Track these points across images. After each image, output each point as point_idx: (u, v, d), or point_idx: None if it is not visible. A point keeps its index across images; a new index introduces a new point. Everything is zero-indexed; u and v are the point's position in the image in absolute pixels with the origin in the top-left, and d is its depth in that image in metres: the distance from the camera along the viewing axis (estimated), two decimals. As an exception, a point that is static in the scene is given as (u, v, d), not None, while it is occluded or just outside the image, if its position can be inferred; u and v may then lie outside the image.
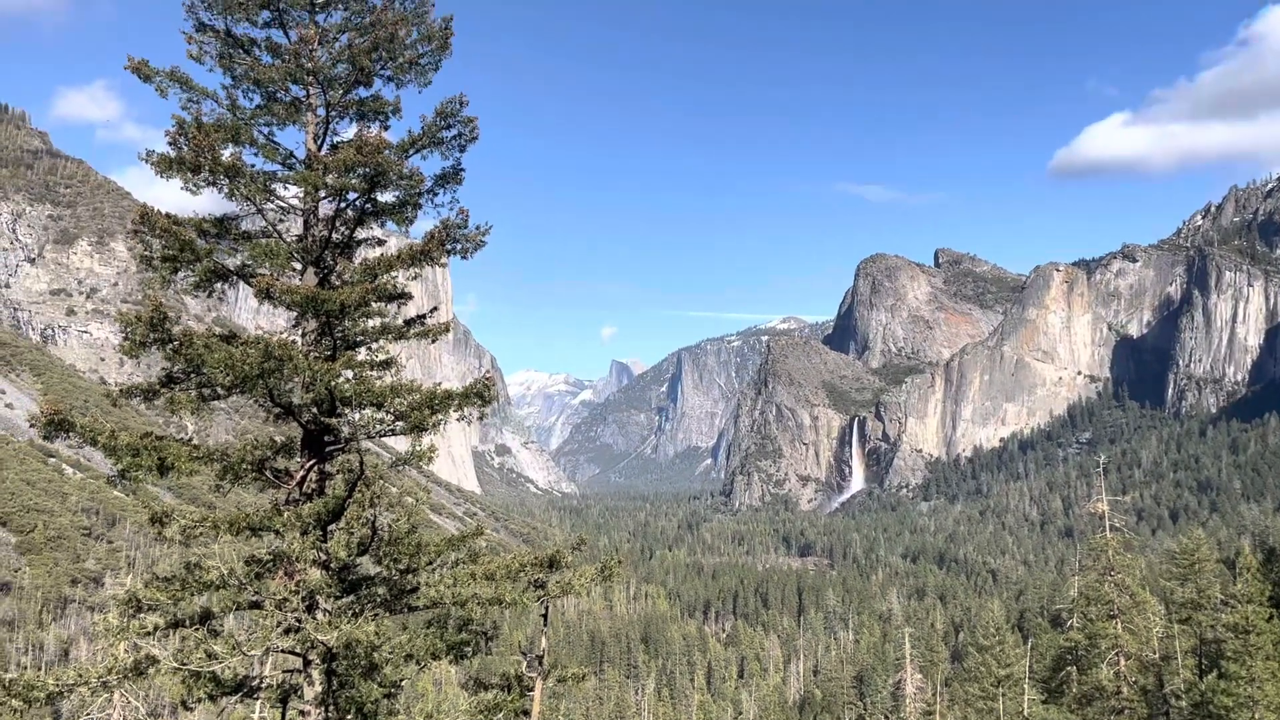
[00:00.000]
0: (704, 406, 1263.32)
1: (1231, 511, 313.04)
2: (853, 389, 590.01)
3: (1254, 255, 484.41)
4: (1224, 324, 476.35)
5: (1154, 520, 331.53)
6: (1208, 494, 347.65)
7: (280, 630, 19.52)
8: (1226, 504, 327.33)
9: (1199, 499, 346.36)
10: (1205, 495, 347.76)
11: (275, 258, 21.49)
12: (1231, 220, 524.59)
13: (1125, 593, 53.18)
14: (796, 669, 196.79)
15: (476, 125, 22.39)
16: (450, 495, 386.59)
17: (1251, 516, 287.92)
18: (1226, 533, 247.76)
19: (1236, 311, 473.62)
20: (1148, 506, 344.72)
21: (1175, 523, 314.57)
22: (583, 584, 23.32)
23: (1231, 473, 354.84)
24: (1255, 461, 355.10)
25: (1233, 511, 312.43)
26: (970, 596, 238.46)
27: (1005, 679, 54.81)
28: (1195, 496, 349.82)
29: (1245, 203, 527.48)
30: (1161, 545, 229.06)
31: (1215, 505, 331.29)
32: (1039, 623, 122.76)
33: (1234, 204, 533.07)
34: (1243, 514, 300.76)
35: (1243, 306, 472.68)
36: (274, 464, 21.84)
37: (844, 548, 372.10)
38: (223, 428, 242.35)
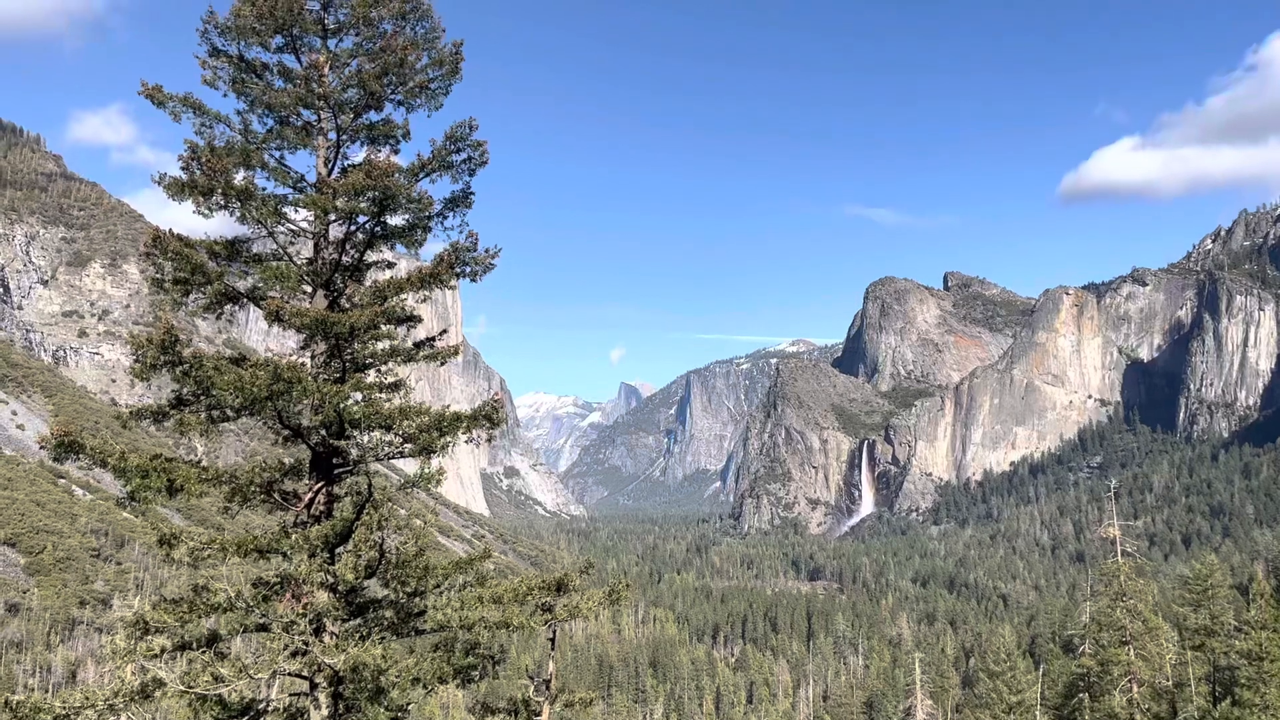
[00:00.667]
0: (713, 429, 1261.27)
1: (1244, 537, 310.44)
2: (862, 412, 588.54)
3: (1264, 279, 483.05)
4: (1235, 348, 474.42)
5: (1166, 545, 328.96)
6: (1220, 519, 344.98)
7: (287, 653, 19.47)
8: (1239, 529, 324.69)
9: (1211, 524, 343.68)
10: (1218, 520, 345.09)
11: (286, 280, 21.62)
12: (1241, 244, 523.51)
13: (1138, 619, 52.72)
14: (806, 694, 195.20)
15: (486, 149, 22.55)
16: (458, 517, 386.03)
17: (1264, 542, 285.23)
18: (1239, 558, 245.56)
19: (1248, 335, 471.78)
20: (1159, 531, 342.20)
21: (1187, 548, 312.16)
22: (590, 607, 23.25)
23: (1244, 497, 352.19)
24: (1268, 486, 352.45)
25: (1245, 537, 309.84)
26: (981, 621, 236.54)
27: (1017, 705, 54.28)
28: (1207, 521, 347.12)
29: (1255, 227, 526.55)
30: (1174, 570, 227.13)
31: (1228, 530, 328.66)
32: (1051, 649, 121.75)
33: (1244, 228, 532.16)
34: (1256, 539, 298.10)
35: (1254, 330, 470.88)
36: (282, 486, 21.87)
37: (854, 572, 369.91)
38: (232, 450, 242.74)
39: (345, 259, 22.69)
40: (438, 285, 22.22)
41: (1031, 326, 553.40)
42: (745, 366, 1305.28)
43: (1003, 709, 54.64)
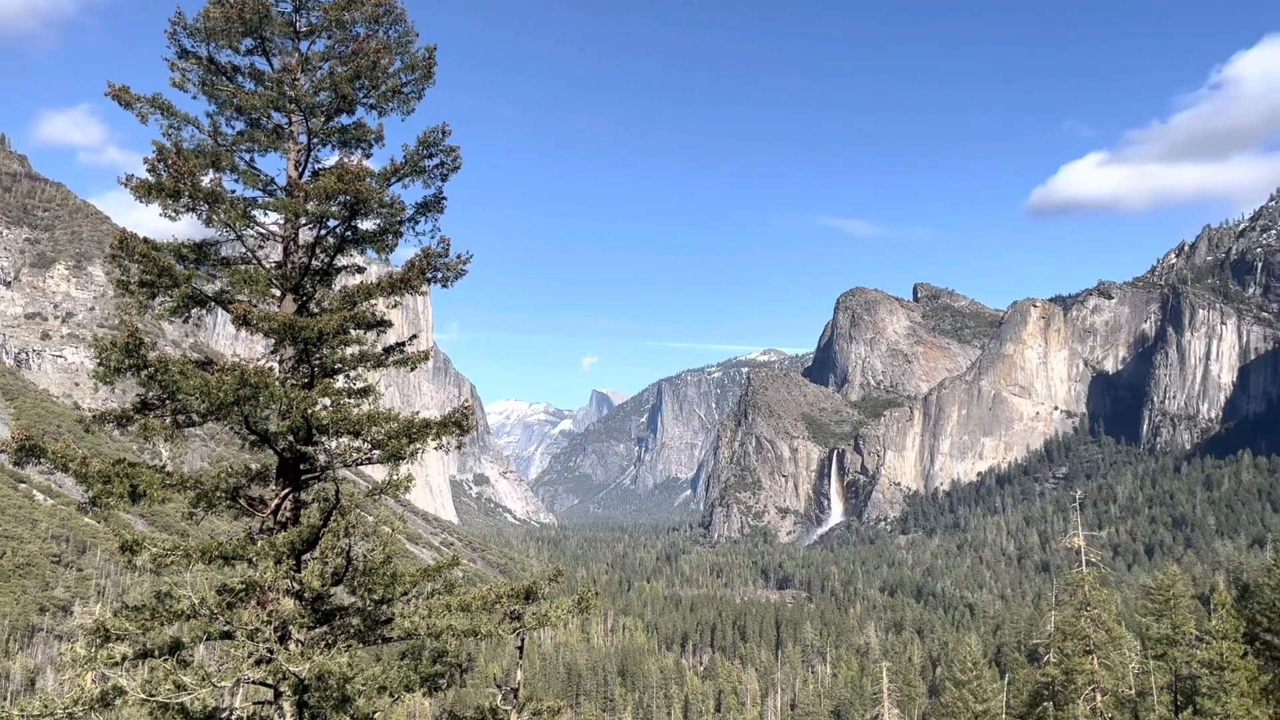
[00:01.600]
0: (684, 437, 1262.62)
1: (1206, 547, 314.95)
2: (832, 421, 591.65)
3: (1227, 294, 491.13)
4: (1198, 361, 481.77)
5: (1129, 556, 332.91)
6: (1182, 530, 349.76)
7: (251, 661, 19.25)
8: (1201, 540, 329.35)
9: (1174, 535, 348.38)
10: (1180, 531, 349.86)
11: (254, 284, 21.43)
12: (1205, 259, 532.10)
13: (1101, 628, 53.29)
14: (774, 703, 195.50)
15: (459, 154, 22.49)
16: (427, 525, 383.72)
17: (1226, 553, 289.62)
18: (1201, 569, 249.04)
19: (1210, 349, 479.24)
20: (1123, 542, 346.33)
21: (1150, 558, 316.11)
22: (559, 616, 23.16)
23: (1206, 509, 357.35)
24: (1229, 498, 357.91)
25: (1207, 547, 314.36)
26: (948, 630, 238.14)
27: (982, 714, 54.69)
28: (1170, 532, 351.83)
29: (1218, 242, 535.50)
30: (1137, 581, 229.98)
31: (1190, 541, 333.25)
32: (1016, 658, 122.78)
33: (1207, 243, 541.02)
34: (1217, 550, 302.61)
35: (1216, 344, 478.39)
36: (248, 492, 21.65)
37: (822, 580, 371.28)
38: (197, 455, 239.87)
39: (315, 263, 22.53)
40: (409, 291, 22.11)
41: (999, 338, 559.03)
42: (716, 375, 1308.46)
43: (968, 717, 55.02)
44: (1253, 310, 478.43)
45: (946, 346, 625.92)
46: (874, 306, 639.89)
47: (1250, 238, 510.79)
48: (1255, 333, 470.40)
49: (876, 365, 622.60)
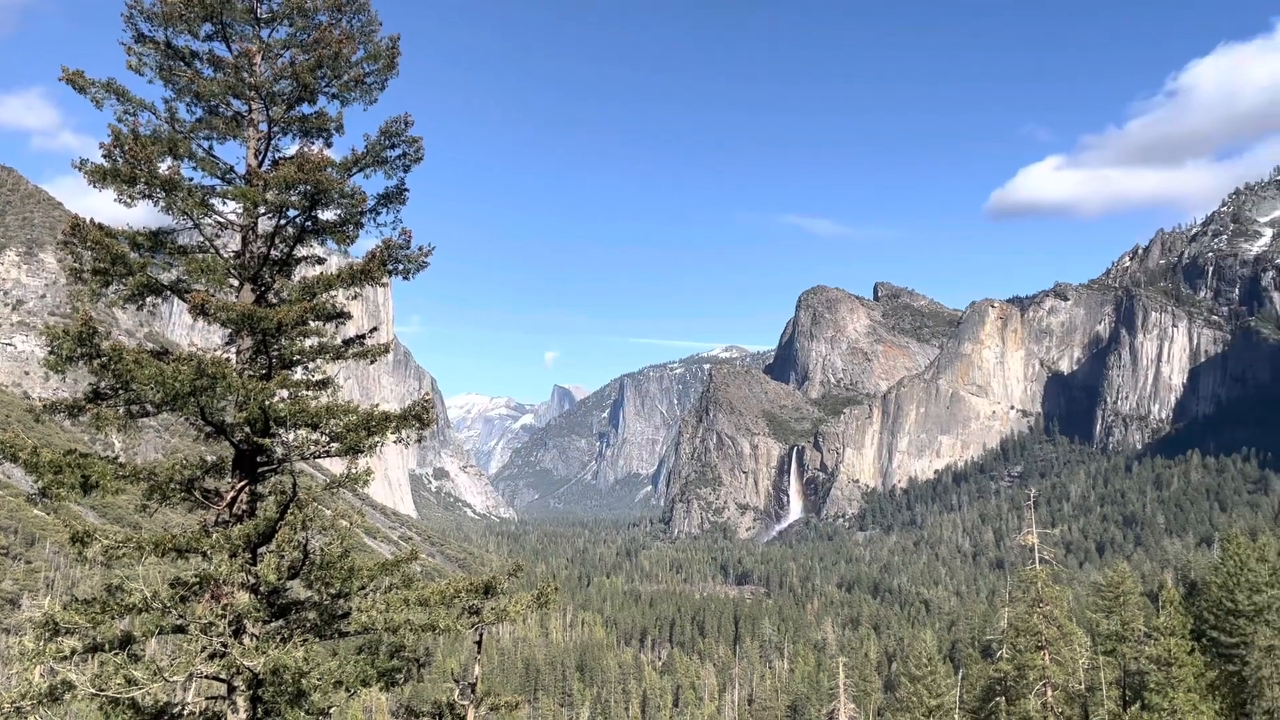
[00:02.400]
0: (645, 433, 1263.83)
1: (1155, 546, 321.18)
2: (792, 419, 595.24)
3: (1178, 297, 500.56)
4: (1149, 363, 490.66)
5: (1081, 553, 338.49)
6: (1133, 528, 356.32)
7: (205, 655, 19.01)
8: (1150, 538, 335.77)
9: (1124, 533, 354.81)
10: (1130, 529, 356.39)
11: (211, 273, 21.13)
12: (1158, 263, 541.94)
13: (1053, 624, 54.16)
14: (731, 698, 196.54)
15: (421, 145, 22.32)
16: (385, 519, 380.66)
17: (1174, 551, 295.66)
18: (1150, 566, 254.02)
19: (1161, 351, 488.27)
20: (1075, 540, 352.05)
21: (1101, 556, 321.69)
22: (518, 611, 23.11)
23: (1155, 508, 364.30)
24: (1178, 497, 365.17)
25: (1156, 546, 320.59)
26: (904, 626, 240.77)
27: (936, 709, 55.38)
28: (1121, 530, 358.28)
29: (1171, 246, 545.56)
30: (1088, 578, 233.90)
31: (1140, 539, 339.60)
32: (970, 653, 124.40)
33: (1160, 247, 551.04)
34: (1165, 548, 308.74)
35: (1167, 346, 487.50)
36: (203, 484, 21.37)
37: (781, 576, 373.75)
38: (151, 446, 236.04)
39: (274, 253, 22.26)
40: (369, 282, 21.92)
41: (958, 338, 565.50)
42: (679, 371, 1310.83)
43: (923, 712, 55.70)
44: (1203, 313, 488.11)
45: (906, 345, 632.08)
46: (835, 305, 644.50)
47: (1202, 242, 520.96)
48: (1205, 335, 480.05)
49: (837, 363, 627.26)
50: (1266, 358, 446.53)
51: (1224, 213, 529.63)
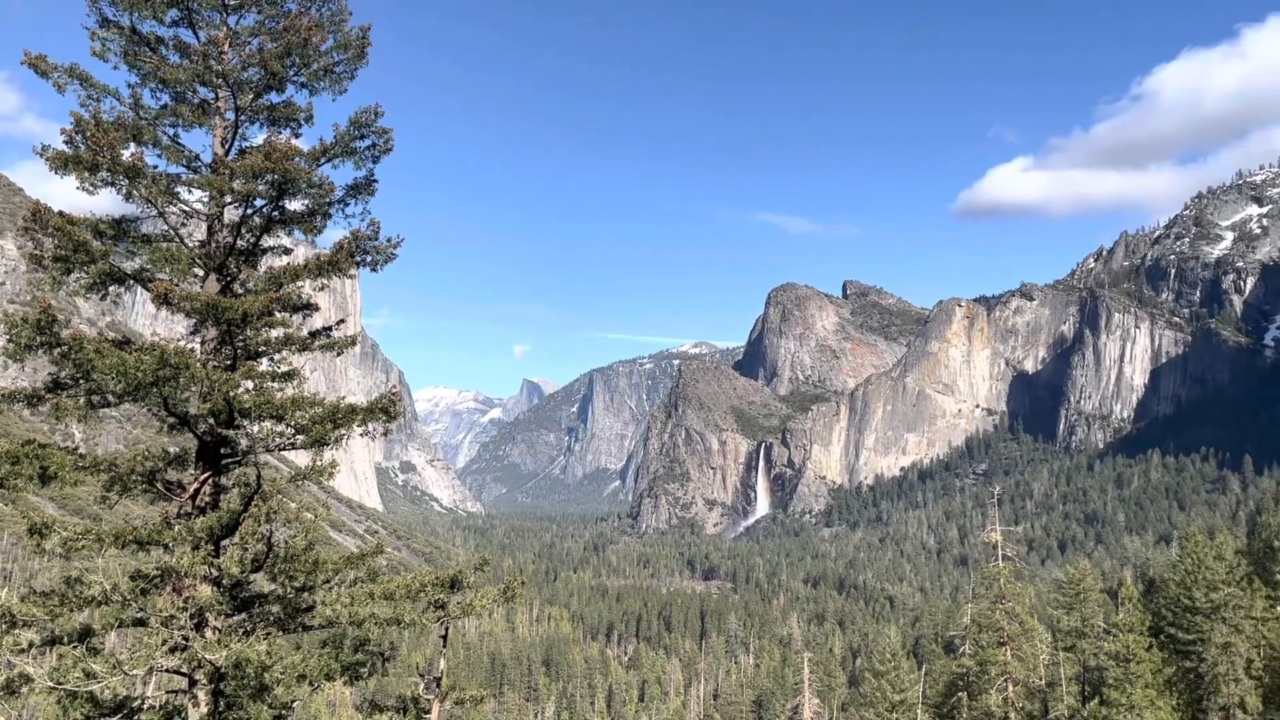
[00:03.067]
0: (614, 428, 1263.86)
1: (1115, 543, 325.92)
2: (760, 415, 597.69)
3: (1141, 298, 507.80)
4: (1112, 363, 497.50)
5: (1043, 550, 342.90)
6: (1094, 526, 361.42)
7: (165, 649, 18.81)
8: (1111, 536, 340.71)
9: (1086, 530, 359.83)
10: (1092, 527, 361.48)
11: (176, 263, 20.86)
12: (1121, 264, 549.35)
13: (1015, 620, 54.83)
14: (697, 692, 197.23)
15: (391, 136, 22.16)
16: (351, 512, 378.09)
17: (1134, 548, 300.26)
18: (1110, 564, 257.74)
19: (1124, 351, 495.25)
20: (1038, 537, 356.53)
21: (1063, 553, 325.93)
22: (484, 605, 23.06)
23: (1116, 506, 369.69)
24: (1138, 496, 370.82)
25: (1116, 543, 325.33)
26: (868, 622, 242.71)
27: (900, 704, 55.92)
28: (1082, 528, 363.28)
29: (1134, 248, 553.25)
30: (1050, 575, 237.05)
31: (1100, 537, 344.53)
32: (933, 649, 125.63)
33: (1124, 249, 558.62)
34: (1125, 546, 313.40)
35: (1130, 347, 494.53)
36: (166, 476, 21.11)
37: (747, 572, 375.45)
38: (112, 436, 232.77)
39: (240, 243, 22.02)
40: (336, 273, 21.76)
41: (925, 336, 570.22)
42: (648, 366, 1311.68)
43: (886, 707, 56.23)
44: (1165, 315, 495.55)
45: (874, 343, 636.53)
46: (804, 302, 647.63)
47: (1165, 245, 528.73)
48: (1167, 337, 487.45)
49: (805, 360, 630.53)
50: (1226, 360, 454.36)
51: (1186, 216, 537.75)
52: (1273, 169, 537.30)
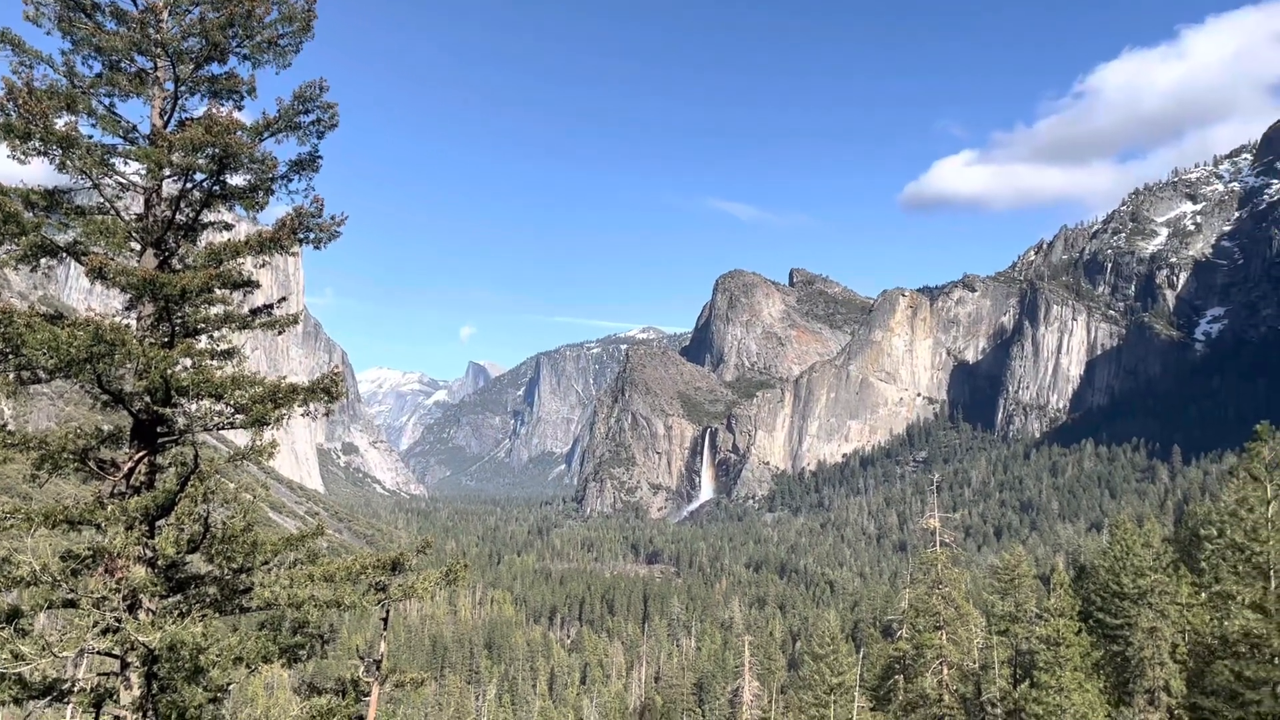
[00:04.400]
0: (560, 412, 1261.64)
1: (1049, 530, 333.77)
2: (706, 401, 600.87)
3: (1079, 291, 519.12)
4: (1050, 354, 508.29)
5: (980, 537, 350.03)
6: (1029, 513, 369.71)
7: (97, 630, 18.44)
8: (1045, 523, 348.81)
9: (1021, 518, 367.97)
10: (1027, 514, 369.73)
11: (111, 236, 20.34)
12: (1060, 257, 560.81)
13: (951, 605, 55.95)
14: (639, 675, 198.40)
15: (336, 112, 21.78)
16: (291, 493, 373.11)
17: (1066, 535, 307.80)
18: (1044, 550, 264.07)
19: (1061, 343, 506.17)
20: (975, 524, 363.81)
21: (999, 540, 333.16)
22: (426, 587, 22.92)
23: (1051, 494, 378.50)
24: (1072, 484, 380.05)
25: (1050, 530, 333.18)
26: (809, 606, 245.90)
27: (838, 687, 56.84)
28: (1018, 515, 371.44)
29: (1073, 242, 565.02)
30: (986, 561, 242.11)
31: (1035, 524, 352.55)
32: (871, 633, 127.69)
33: (1063, 242, 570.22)
34: (1059, 533, 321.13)
35: (1067, 338, 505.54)
36: (99, 454, 20.64)
37: (690, 556, 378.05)
38: (44, 414, 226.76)
39: (179, 217, 21.52)
40: (278, 250, 21.37)
41: (869, 325, 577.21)
42: (595, 351, 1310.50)
43: (824, 690, 57.11)
44: (1101, 308, 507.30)
45: (819, 331, 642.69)
46: (751, 289, 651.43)
47: (1102, 239, 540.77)
48: (1102, 329, 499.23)
49: (751, 347, 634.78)
50: (1158, 352, 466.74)
51: (1124, 212, 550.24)
52: (1207, 167, 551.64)
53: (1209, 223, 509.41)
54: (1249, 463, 33.28)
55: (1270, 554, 31.30)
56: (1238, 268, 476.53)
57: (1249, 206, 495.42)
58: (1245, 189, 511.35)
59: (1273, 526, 31.76)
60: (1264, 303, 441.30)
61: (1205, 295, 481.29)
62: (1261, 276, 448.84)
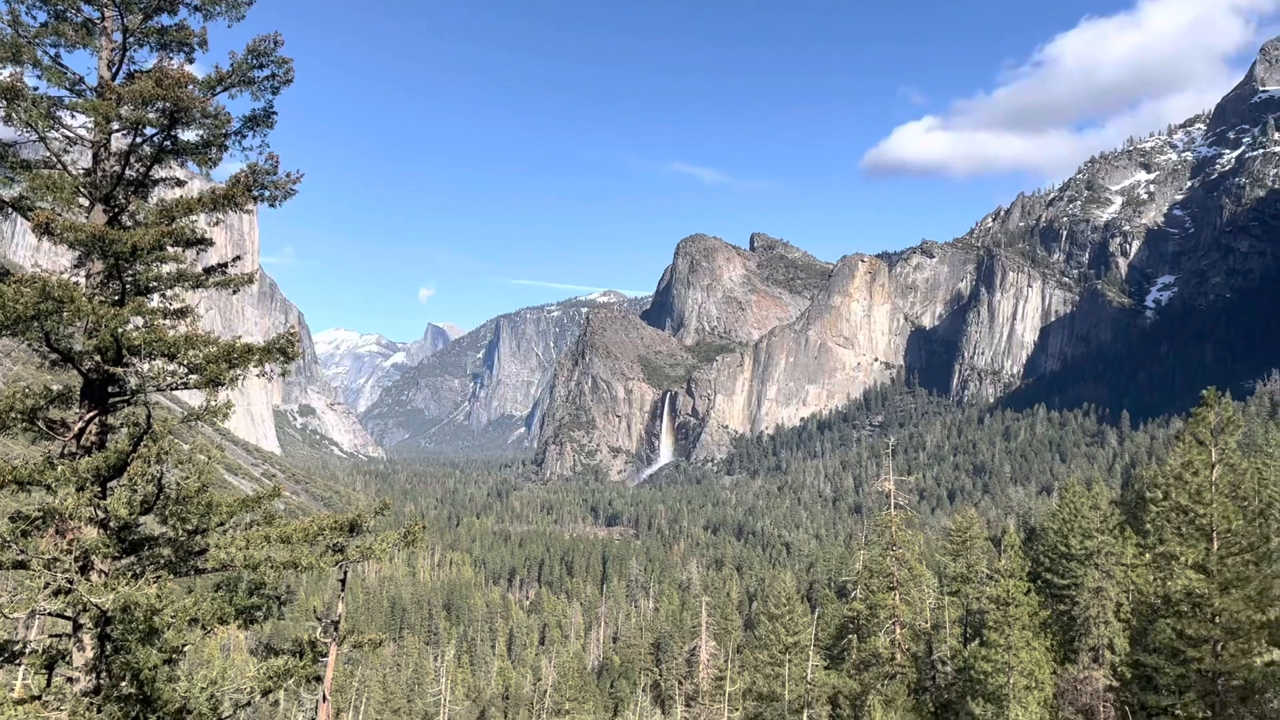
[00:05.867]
0: (520, 375, 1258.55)
1: (1001, 493, 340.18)
2: (667, 364, 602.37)
3: (1034, 258, 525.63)
4: (1005, 320, 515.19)
5: (934, 500, 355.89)
6: (982, 477, 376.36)
7: (48, 592, 18.21)
8: (997, 486, 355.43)
9: (974, 481, 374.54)
10: (980, 478, 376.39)
11: (59, 191, 19.82)
12: (1017, 224, 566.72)
13: (904, 567, 56.99)
14: (597, 636, 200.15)
15: (292, 67, 21.32)
16: (247, 455, 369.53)
17: (1018, 498, 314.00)
18: (996, 513, 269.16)
19: (1017, 309, 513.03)
20: (929, 487, 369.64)
21: (952, 502, 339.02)
22: (384, 549, 22.86)
23: (1003, 458, 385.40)
24: (1024, 448, 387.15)
25: (1002, 493, 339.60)
26: (765, 567, 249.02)
27: (793, 646, 57.80)
28: (971, 479, 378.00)
29: (1030, 209, 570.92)
30: (939, 523, 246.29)
31: (988, 487, 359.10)
32: (826, 594, 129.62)
33: (1020, 209, 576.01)
34: (1010, 496, 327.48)
35: (1022, 305, 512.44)
36: (48, 414, 20.26)
37: (649, 518, 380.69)
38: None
39: (129, 173, 21.01)
40: (233, 208, 20.97)
41: (828, 290, 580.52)
42: (556, 314, 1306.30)
43: (780, 649, 58.06)
44: (1056, 275, 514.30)
45: (779, 296, 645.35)
46: (712, 254, 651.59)
47: (1058, 207, 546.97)
48: (1057, 296, 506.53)
49: (712, 311, 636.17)
50: (1109, 319, 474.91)
51: (1079, 179, 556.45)
52: (1162, 137, 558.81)
53: (1162, 192, 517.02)
54: (1194, 427, 34.08)
55: (1213, 516, 32.18)
56: (1188, 236, 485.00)
57: (1201, 176, 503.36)
58: (1198, 159, 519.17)
59: (1216, 490, 32.62)
60: (1212, 271, 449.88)
61: (1156, 263, 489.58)
62: (1211, 245, 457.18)
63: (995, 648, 45.34)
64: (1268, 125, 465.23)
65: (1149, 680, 34.28)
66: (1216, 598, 31.29)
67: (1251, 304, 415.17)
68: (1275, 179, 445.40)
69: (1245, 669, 30.84)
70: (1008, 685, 44.25)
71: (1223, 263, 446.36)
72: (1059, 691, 49.74)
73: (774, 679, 57.50)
